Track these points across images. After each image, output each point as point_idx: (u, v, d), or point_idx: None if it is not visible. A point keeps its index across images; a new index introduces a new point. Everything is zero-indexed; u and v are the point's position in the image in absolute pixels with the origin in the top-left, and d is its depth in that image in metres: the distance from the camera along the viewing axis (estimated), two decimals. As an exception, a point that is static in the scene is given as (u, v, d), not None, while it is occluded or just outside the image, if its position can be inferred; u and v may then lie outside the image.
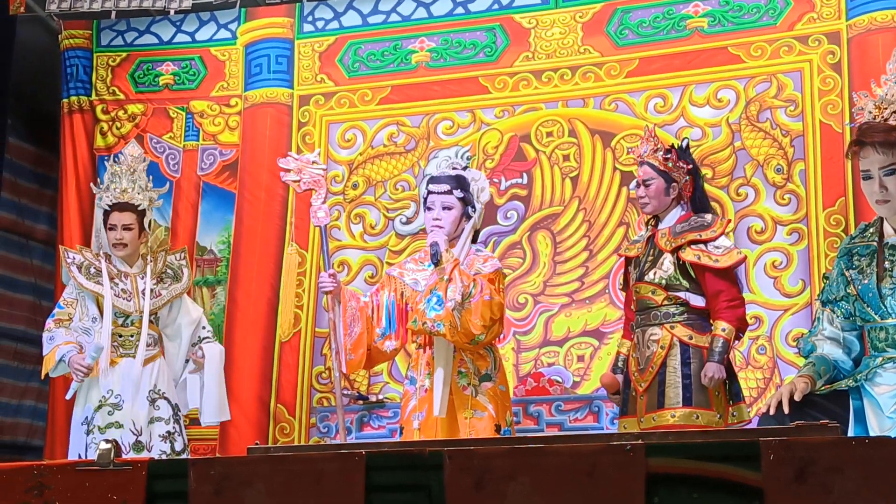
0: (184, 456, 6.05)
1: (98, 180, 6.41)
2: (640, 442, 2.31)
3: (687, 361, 5.16)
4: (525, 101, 7.58)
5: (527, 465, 2.34)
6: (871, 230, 3.89)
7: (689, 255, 5.22)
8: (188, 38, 8.26)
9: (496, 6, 7.75)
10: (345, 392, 7.37)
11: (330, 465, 2.41)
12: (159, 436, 6.06)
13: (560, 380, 7.08)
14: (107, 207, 6.30)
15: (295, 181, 5.20)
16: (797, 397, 3.61)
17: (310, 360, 7.58)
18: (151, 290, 6.23)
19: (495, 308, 4.91)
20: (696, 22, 7.27)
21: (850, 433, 3.61)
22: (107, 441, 2.39)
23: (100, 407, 6.06)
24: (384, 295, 5.04)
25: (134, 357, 6.14)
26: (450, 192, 4.99)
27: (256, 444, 2.71)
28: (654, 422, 5.14)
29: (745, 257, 5.77)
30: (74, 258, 6.31)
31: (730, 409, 5.15)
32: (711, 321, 5.20)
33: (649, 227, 5.50)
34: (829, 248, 6.50)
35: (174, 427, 6.12)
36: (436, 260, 4.79)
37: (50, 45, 8.34)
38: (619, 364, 5.53)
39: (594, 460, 2.30)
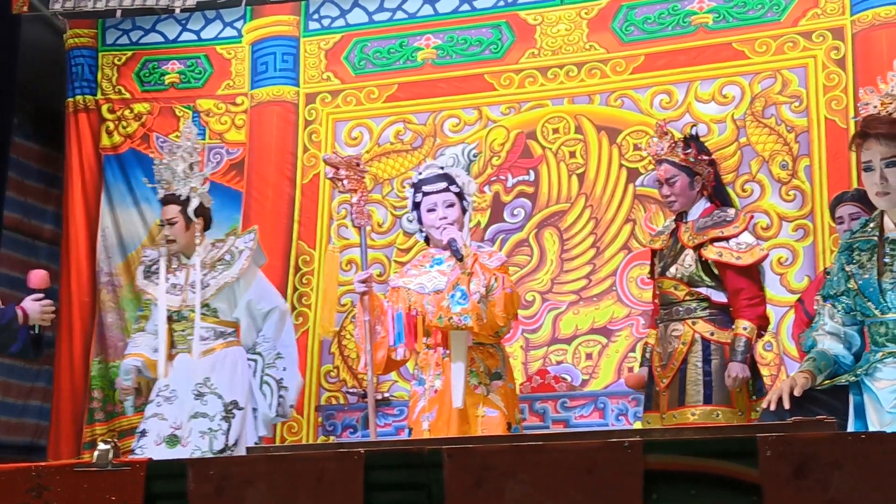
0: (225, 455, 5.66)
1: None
2: (638, 439, 2.31)
3: (708, 358, 5.13)
4: (531, 97, 7.58)
5: (526, 462, 2.34)
6: (871, 225, 3.88)
7: (711, 252, 5.18)
8: (194, 37, 8.27)
9: (502, 3, 7.75)
10: (352, 390, 7.38)
11: (329, 463, 2.41)
12: (199, 432, 5.73)
13: (568, 377, 7.08)
14: (160, 202, 6.11)
15: (339, 180, 5.15)
16: (797, 392, 3.60)
17: (318, 358, 7.59)
18: (200, 282, 5.94)
19: (516, 300, 4.94)
20: (700, 18, 7.27)
21: (850, 428, 3.61)
22: (105, 442, 2.40)
23: (154, 398, 5.88)
24: (390, 310, 5.02)
25: (189, 353, 5.89)
26: (447, 190, 4.98)
27: (256, 443, 2.71)
28: (676, 419, 5.14)
29: (768, 254, 5.76)
30: (149, 256, 6.17)
31: (753, 404, 5.12)
32: (733, 319, 5.18)
33: (674, 218, 5.47)
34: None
35: (220, 425, 5.74)
36: (459, 256, 4.78)
37: (55, 45, 8.35)
38: (647, 355, 5.52)
39: (593, 457, 2.30)
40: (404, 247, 7.57)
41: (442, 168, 5.10)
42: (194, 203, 6.01)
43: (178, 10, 8.19)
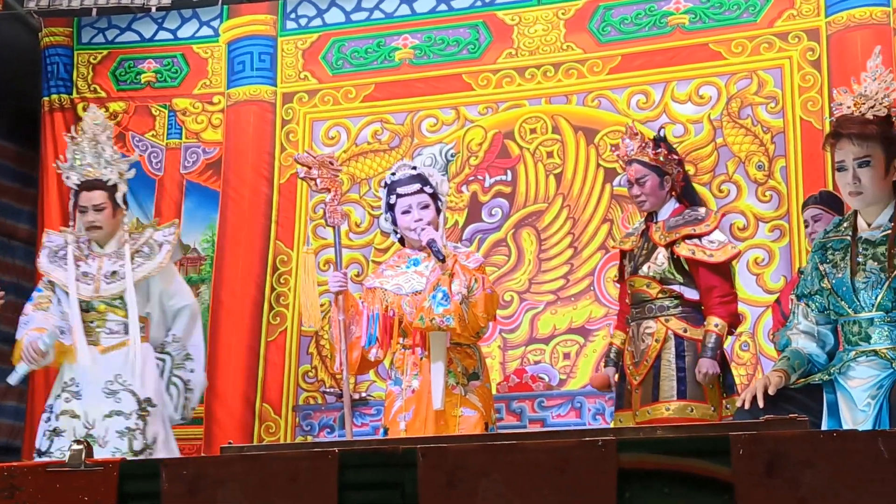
0: (142, 456, 5.44)
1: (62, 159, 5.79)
2: (611, 437, 2.31)
3: (681, 354, 5.16)
4: (508, 97, 7.59)
5: (499, 461, 2.34)
6: (845, 224, 3.91)
7: (683, 249, 5.21)
8: (170, 36, 8.25)
9: (479, 3, 7.77)
10: (329, 390, 7.38)
11: (303, 463, 2.40)
12: (116, 432, 5.50)
13: (545, 377, 7.09)
14: (74, 188, 5.74)
15: (311, 179, 5.12)
16: (771, 391, 3.62)
17: (296, 359, 7.58)
18: (115, 273, 5.67)
19: (495, 300, 4.94)
20: (677, 19, 7.29)
21: (824, 426, 3.63)
22: (78, 441, 2.39)
23: (60, 393, 5.63)
24: (365, 310, 5.01)
25: (97, 345, 5.63)
26: (421, 191, 4.96)
27: (230, 443, 2.71)
28: (649, 415, 5.15)
29: (740, 252, 5.79)
30: (53, 241, 5.88)
31: (724, 401, 5.16)
32: (705, 316, 5.21)
33: (643, 219, 5.49)
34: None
35: (137, 423, 5.54)
36: (441, 257, 4.77)
37: (30, 43, 8.31)
38: (612, 356, 5.53)
39: (566, 456, 2.30)
40: (382, 247, 7.56)
41: (415, 168, 5.08)
42: (122, 189, 5.73)
43: (154, 9, 8.19)
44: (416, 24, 7.88)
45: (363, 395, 7.26)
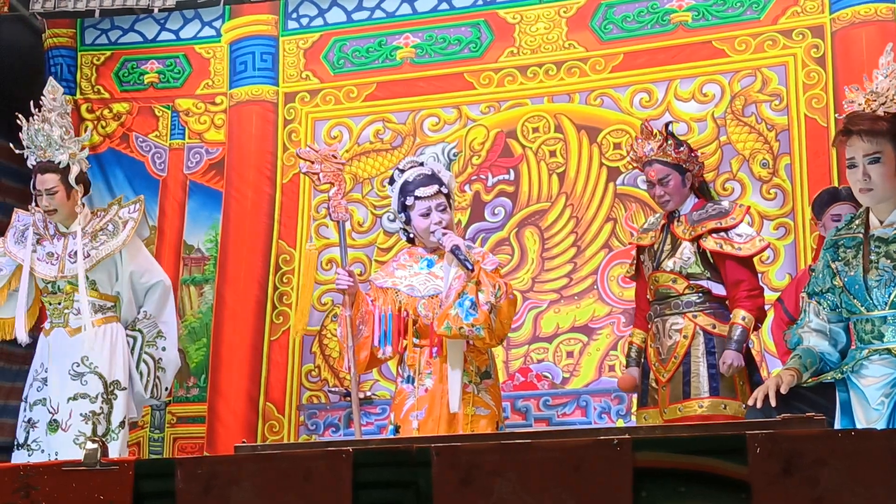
0: (107, 439, 5.26)
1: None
2: (627, 437, 2.31)
3: (711, 351, 5.13)
4: (510, 96, 7.58)
5: (514, 460, 2.33)
6: (856, 222, 3.90)
7: (710, 243, 5.19)
8: (172, 37, 8.25)
9: (480, 2, 7.76)
10: (333, 389, 7.37)
11: (317, 462, 2.41)
12: (80, 415, 5.41)
13: (549, 376, 7.09)
14: (31, 168, 5.71)
15: (314, 174, 5.05)
16: (783, 390, 3.62)
17: (299, 358, 7.58)
18: (82, 251, 5.59)
19: (517, 305, 4.94)
20: (680, 16, 7.28)
21: (837, 425, 3.62)
22: (92, 441, 2.39)
23: (32, 383, 5.59)
24: (375, 310, 4.96)
25: (65, 327, 5.57)
26: (438, 193, 4.92)
27: (244, 442, 2.71)
28: (681, 412, 5.12)
29: (769, 244, 5.77)
30: (21, 220, 5.80)
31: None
32: (730, 310, 5.18)
33: (660, 215, 5.47)
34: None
35: (101, 407, 5.44)
36: (470, 266, 4.73)
37: (33, 45, 8.31)
38: (633, 355, 5.50)
39: (581, 455, 2.30)
40: (385, 246, 7.56)
41: (423, 165, 5.04)
42: (75, 170, 5.67)
43: (156, 10, 8.18)
44: (417, 23, 7.87)
45: (367, 394, 7.25)
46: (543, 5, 7.60)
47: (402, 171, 5.04)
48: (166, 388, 5.86)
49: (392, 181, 5.07)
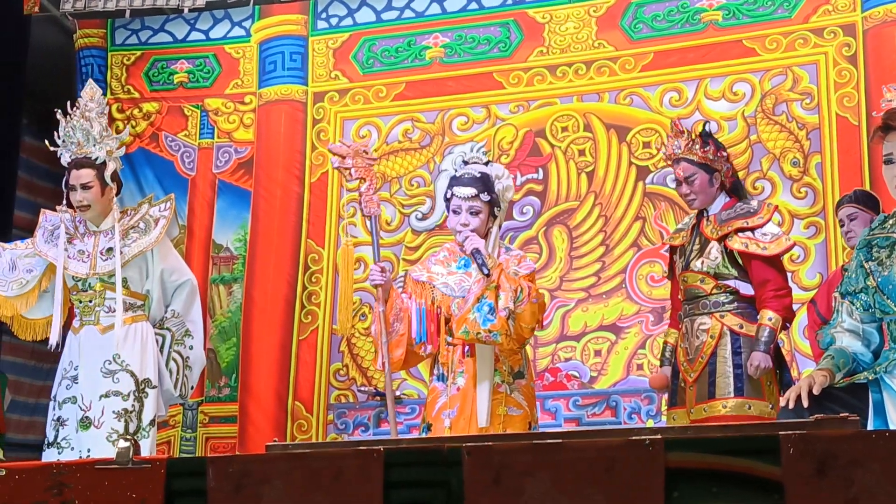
0: (138, 437, 5.29)
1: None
2: (658, 437, 2.30)
3: (738, 351, 5.10)
4: (540, 96, 7.58)
5: (545, 461, 2.33)
6: (890, 221, 3.86)
7: (736, 243, 5.16)
8: (202, 36, 8.29)
9: (510, 1, 7.76)
10: (362, 388, 7.38)
11: (349, 461, 2.41)
12: (113, 412, 5.39)
13: (577, 374, 7.08)
14: (66, 165, 5.66)
15: (346, 168, 5.03)
16: (816, 391, 3.58)
17: (327, 357, 7.59)
18: (110, 250, 5.57)
19: (542, 308, 4.90)
20: (710, 15, 7.26)
21: (870, 426, 3.58)
22: (125, 439, 2.40)
23: (61, 381, 5.57)
24: (413, 304, 4.94)
25: (96, 325, 5.55)
26: (476, 197, 4.87)
27: (275, 441, 2.71)
28: (706, 412, 5.09)
29: (794, 244, 5.73)
30: (49, 220, 5.76)
31: (781, 398, 5.10)
32: (758, 310, 5.15)
33: (693, 215, 5.45)
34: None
35: (133, 405, 5.43)
36: (487, 271, 4.71)
37: (65, 45, 8.37)
38: (667, 354, 5.49)
39: (613, 455, 2.29)
40: (413, 245, 7.57)
41: (482, 170, 4.98)
42: (111, 167, 5.65)
43: (186, 10, 8.20)
44: (446, 22, 7.88)
45: (396, 393, 7.25)
46: (573, 5, 7.60)
47: (466, 164, 5.02)
48: (192, 387, 5.86)
49: (451, 168, 5.05)
